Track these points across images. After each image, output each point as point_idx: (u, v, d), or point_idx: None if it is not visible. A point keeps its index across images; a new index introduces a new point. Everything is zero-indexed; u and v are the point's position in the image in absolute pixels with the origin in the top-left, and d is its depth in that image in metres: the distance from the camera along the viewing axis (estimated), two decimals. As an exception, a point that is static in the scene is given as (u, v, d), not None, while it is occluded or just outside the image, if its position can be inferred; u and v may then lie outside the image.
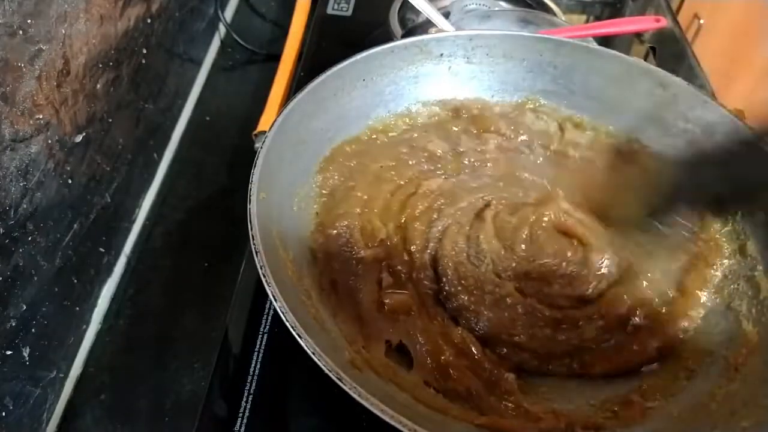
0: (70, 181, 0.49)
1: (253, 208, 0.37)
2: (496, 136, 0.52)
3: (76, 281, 0.51)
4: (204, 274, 0.58)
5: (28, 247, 0.44)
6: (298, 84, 0.66)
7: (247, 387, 0.43)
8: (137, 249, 0.61)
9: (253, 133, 0.60)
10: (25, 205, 0.43)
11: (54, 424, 0.48)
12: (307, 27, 0.74)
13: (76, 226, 0.50)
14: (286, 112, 0.43)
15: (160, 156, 0.67)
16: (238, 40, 0.78)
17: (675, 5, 0.98)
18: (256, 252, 0.35)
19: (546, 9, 0.70)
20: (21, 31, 0.41)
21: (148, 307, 0.57)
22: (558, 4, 0.71)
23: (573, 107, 0.52)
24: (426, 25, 0.65)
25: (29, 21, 0.41)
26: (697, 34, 0.99)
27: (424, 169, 0.50)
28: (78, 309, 0.52)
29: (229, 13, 0.84)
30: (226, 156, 0.68)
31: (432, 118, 0.53)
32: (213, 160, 0.68)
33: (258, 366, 0.44)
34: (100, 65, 0.52)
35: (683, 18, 0.98)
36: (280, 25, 0.82)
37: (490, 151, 0.51)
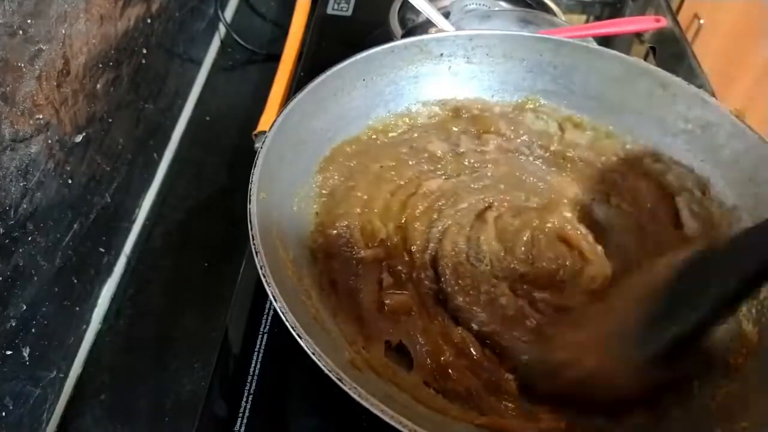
0: (70, 181, 0.49)
1: (253, 208, 0.37)
2: (496, 136, 0.52)
3: (76, 281, 0.51)
4: (204, 274, 0.58)
5: (28, 247, 0.44)
6: (298, 84, 0.66)
7: (247, 387, 0.43)
8: (137, 249, 0.61)
9: (253, 133, 0.60)
10: (25, 205, 0.43)
11: (54, 424, 0.48)
12: (307, 27, 0.74)
13: (76, 226, 0.50)
14: (286, 112, 0.43)
15: (160, 156, 0.67)
16: (238, 40, 0.78)
17: (675, 5, 0.98)
18: (256, 252, 0.35)
19: (546, 9, 0.70)
20: (21, 31, 0.41)
21: (148, 307, 0.56)
22: (558, 4, 0.71)
23: (573, 107, 0.52)
24: (426, 25, 0.65)
25: (29, 21, 0.41)
26: (697, 34, 0.99)
27: (424, 170, 0.50)
28: (78, 309, 0.52)
29: (229, 13, 0.84)
30: (226, 156, 0.68)
31: (432, 118, 0.53)
32: (213, 160, 0.68)
33: (258, 366, 0.44)
34: (100, 65, 0.52)
35: (683, 18, 0.98)
36: (280, 25, 0.82)
37: (490, 152, 0.51)
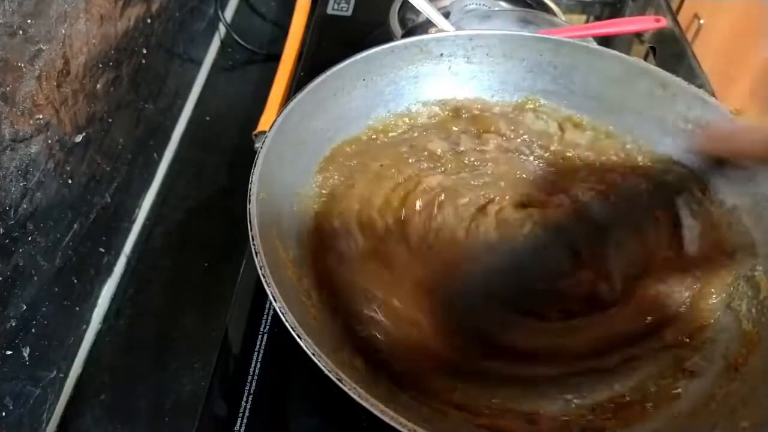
0: (70, 181, 0.49)
1: (253, 208, 0.37)
2: (496, 136, 0.52)
3: (76, 281, 0.51)
4: (204, 274, 0.58)
5: (28, 247, 0.44)
6: (298, 84, 0.66)
7: (247, 387, 0.43)
8: (137, 249, 0.61)
9: (253, 133, 0.60)
10: (25, 205, 0.43)
11: (54, 424, 0.48)
12: (307, 27, 0.74)
13: (76, 226, 0.50)
14: (286, 112, 0.43)
15: (160, 156, 0.67)
16: (238, 40, 0.78)
17: (675, 5, 0.98)
18: (256, 252, 0.34)
19: (546, 9, 0.70)
20: (21, 31, 0.41)
21: (148, 307, 0.56)
22: (558, 4, 0.70)
23: (573, 107, 0.52)
24: (426, 25, 0.65)
25: (29, 21, 0.41)
26: (697, 34, 0.99)
27: (424, 167, 0.50)
28: (78, 309, 0.52)
29: (229, 13, 0.84)
30: (226, 156, 0.68)
31: (432, 118, 0.53)
32: (213, 160, 0.68)
33: (258, 366, 0.44)
34: (100, 65, 0.52)
35: (683, 18, 0.98)
36: (280, 25, 0.82)
37: (490, 151, 0.51)
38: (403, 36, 0.65)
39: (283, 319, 0.32)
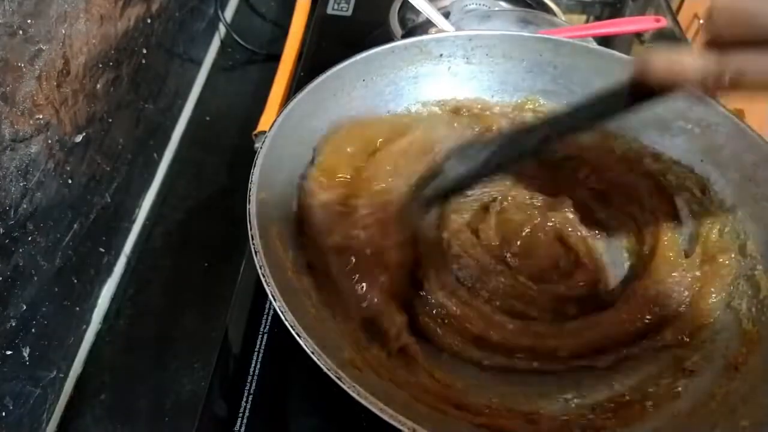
0: (70, 181, 0.49)
1: (252, 208, 0.37)
2: (496, 136, 0.52)
3: (76, 281, 0.51)
4: (204, 274, 0.58)
5: (28, 247, 0.44)
6: (298, 84, 0.66)
7: (247, 387, 0.43)
8: (137, 249, 0.61)
9: (253, 133, 0.60)
10: (25, 205, 0.43)
11: (54, 424, 0.48)
12: (307, 27, 0.74)
13: (76, 226, 0.50)
14: (286, 112, 0.43)
15: (160, 156, 0.67)
16: (238, 40, 0.78)
17: (675, 5, 0.98)
18: (256, 252, 0.35)
19: (546, 9, 0.70)
20: (21, 31, 0.41)
21: (148, 307, 0.57)
22: (558, 4, 0.71)
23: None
24: (426, 25, 0.65)
25: (29, 21, 0.41)
26: (697, 34, 0.99)
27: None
28: (78, 309, 0.52)
29: (229, 13, 0.84)
30: (226, 156, 0.68)
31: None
32: (213, 160, 0.68)
33: (258, 366, 0.44)
34: (100, 65, 0.52)
35: (683, 18, 0.97)
36: (280, 25, 0.82)
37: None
38: (403, 36, 0.65)
39: (283, 319, 0.32)
